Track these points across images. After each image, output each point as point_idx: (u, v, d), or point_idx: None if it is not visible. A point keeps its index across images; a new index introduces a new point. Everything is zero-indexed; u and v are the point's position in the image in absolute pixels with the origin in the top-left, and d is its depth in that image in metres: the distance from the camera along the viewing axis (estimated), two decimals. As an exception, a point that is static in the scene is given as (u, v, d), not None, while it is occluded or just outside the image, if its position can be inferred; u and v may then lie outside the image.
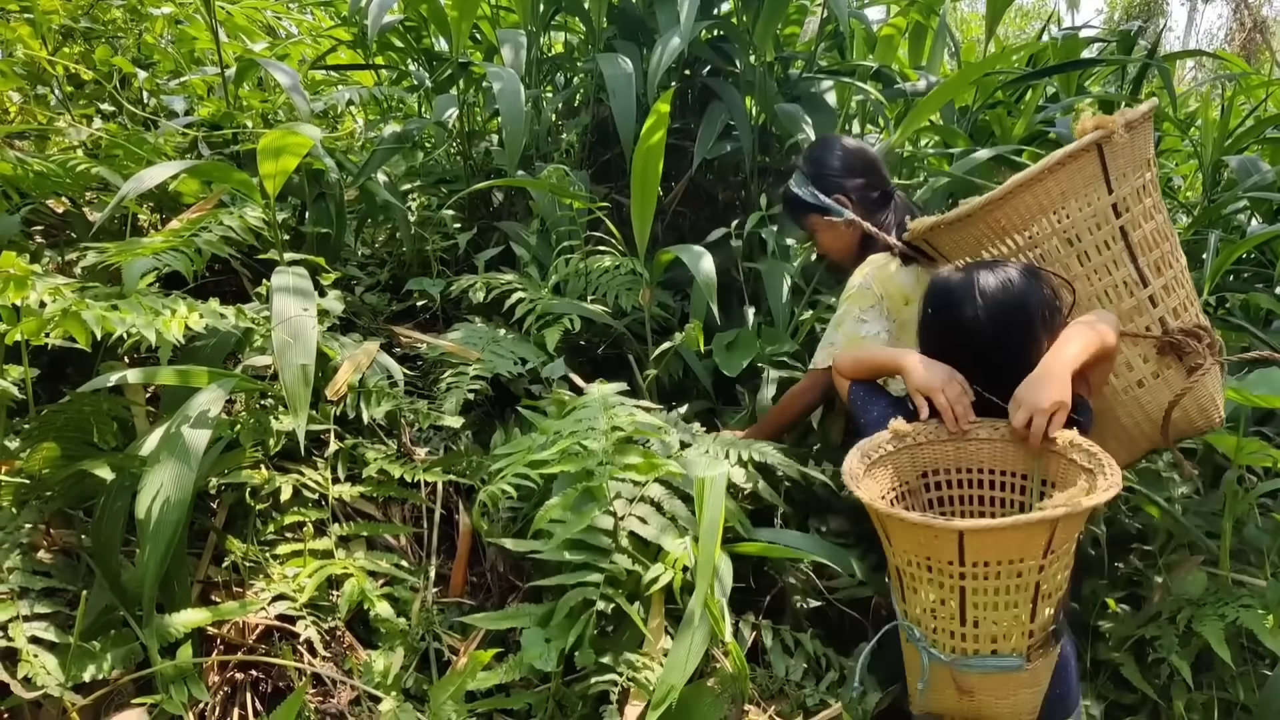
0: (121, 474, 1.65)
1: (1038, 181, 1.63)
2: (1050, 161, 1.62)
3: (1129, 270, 1.71)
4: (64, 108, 2.61)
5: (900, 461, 1.60)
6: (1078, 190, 1.65)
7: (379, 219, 3.06)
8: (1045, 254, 1.71)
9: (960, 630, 1.38)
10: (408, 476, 2.02)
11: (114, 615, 1.58)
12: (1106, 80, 4.79)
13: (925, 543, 1.34)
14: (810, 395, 2.12)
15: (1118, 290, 1.71)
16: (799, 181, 2.17)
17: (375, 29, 2.69)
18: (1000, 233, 1.72)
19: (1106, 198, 1.66)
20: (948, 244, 1.83)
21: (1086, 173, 1.64)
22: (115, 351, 1.97)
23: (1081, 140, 1.61)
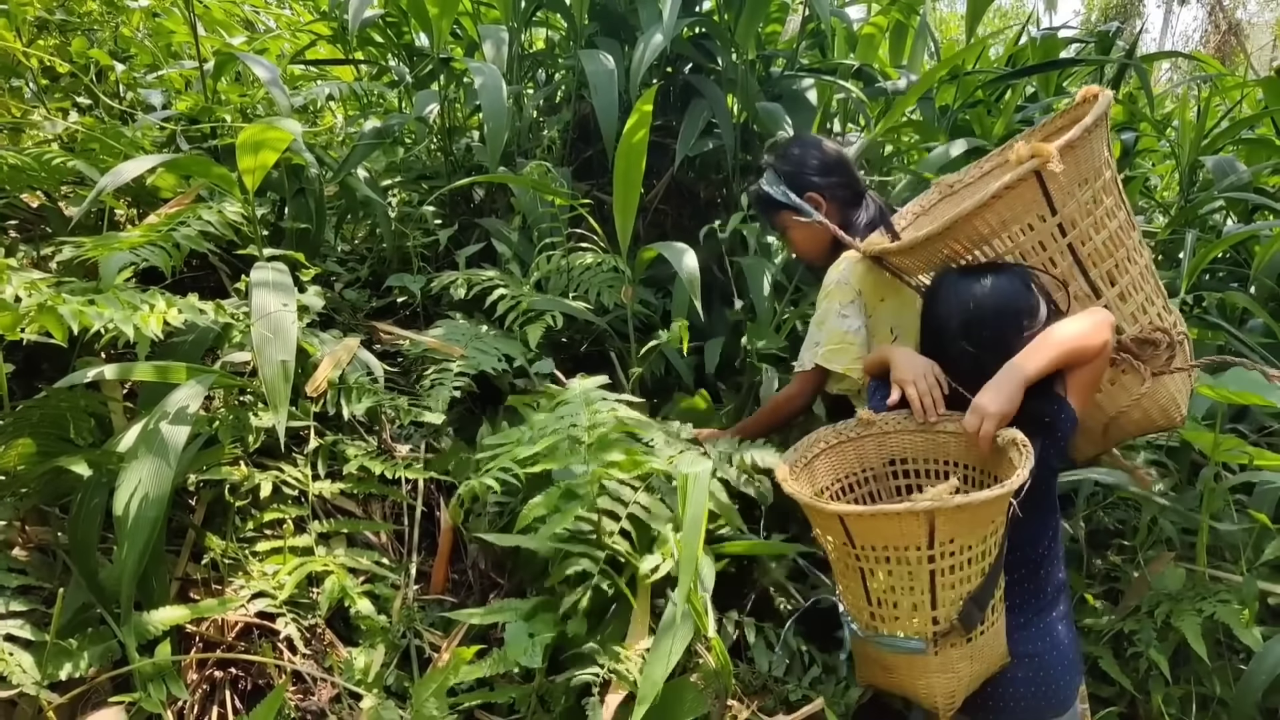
0: (99, 470, 1.64)
1: (977, 215, 1.62)
2: (986, 196, 1.59)
3: (1080, 283, 1.71)
4: (39, 101, 2.57)
5: (865, 448, 1.70)
6: (1019, 216, 1.64)
7: (359, 215, 3.04)
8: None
9: (869, 609, 1.50)
10: (388, 473, 2.01)
11: (91, 613, 1.57)
12: (1085, 79, 4.84)
13: (820, 523, 1.50)
14: (800, 400, 2.11)
15: (1070, 306, 1.71)
16: (770, 180, 2.14)
17: (355, 24, 2.68)
18: (949, 259, 1.73)
19: (1051, 219, 1.65)
20: (904, 264, 1.85)
21: (1027, 198, 1.62)
22: (92, 347, 1.95)
23: (1017, 171, 1.58)
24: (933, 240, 1.68)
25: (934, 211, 1.99)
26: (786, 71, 3.24)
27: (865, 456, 1.70)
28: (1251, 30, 13.71)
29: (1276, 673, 1.68)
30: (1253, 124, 3.58)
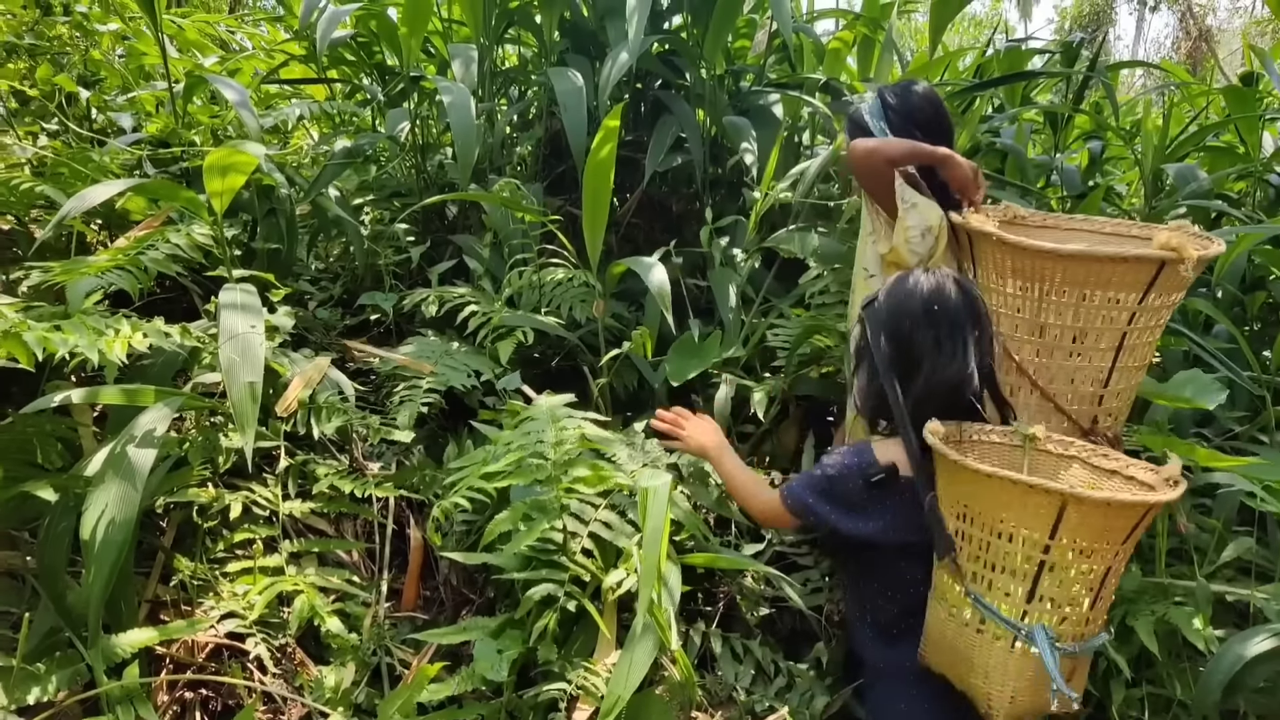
0: (66, 495, 1.65)
1: (1094, 262, 1.65)
2: (1121, 253, 1.64)
3: (1100, 366, 1.78)
4: (8, 125, 2.58)
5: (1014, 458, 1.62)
6: (1121, 285, 1.68)
7: (332, 233, 3.05)
8: (1055, 314, 1.75)
9: (1088, 614, 1.45)
10: (359, 492, 2.03)
11: (59, 637, 1.58)
12: (1055, 88, 4.90)
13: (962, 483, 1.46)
14: None
15: (1085, 373, 1.78)
16: (874, 110, 2.07)
17: (324, 43, 2.70)
18: (1036, 278, 1.73)
19: (1134, 304, 1.70)
20: (985, 254, 1.83)
21: (1139, 277, 1.67)
22: (62, 370, 1.95)
23: (1150, 252, 1.64)
24: (1049, 257, 1.68)
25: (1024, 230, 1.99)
26: (754, 86, 3.28)
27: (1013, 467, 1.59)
28: (1222, 36, 13.91)
29: (1233, 673, 1.71)
30: (1217, 131, 3.64)
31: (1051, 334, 1.77)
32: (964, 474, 1.43)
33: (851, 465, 1.63)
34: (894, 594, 1.66)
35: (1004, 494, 1.39)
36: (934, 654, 1.58)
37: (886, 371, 1.60)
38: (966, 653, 1.49)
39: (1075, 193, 3.40)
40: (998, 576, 1.44)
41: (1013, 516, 1.40)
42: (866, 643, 1.73)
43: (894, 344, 1.62)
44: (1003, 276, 1.80)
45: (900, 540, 1.61)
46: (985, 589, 1.46)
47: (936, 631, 1.55)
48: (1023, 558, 1.41)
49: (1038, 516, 1.38)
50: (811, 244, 2.59)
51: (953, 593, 1.51)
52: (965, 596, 1.48)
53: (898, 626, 1.67)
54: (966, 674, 1.50)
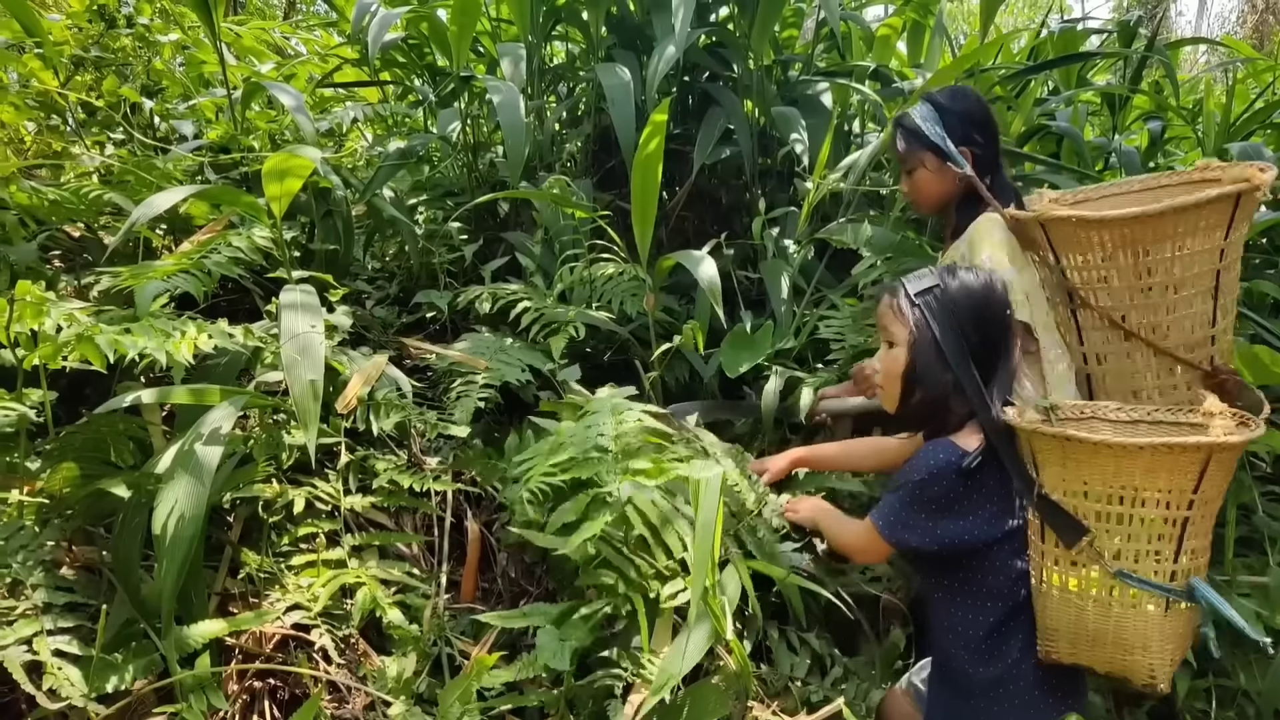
0: (138, 491, 1.71)
1: (1188, 211, 1.65)
2: (1201, 198, 1.63)
3: (1208, 307, 1.75)
4: (77, 135, 2.68)
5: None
6: (1208, 225, 1.68)
7: (387, 233, 3.11)
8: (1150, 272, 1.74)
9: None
10: (418, 486, 2.07)
11: (135, 628, 1.64)
12: (1114, 68, 4.79)
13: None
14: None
15: (1193, 319, 1.75)
16: (927, 115, 2.05)
17: (376, 47, 2.74)
18: (1129, 244, 1.73)
19: (1220, 238, 1.69)
20: (1065, 237, 1.80)
21: (1221, 213, 1.67)
22: (132, 372, 2.03)
23: (1233, 181, 1.65)
24: (1133, 221, 1.69)
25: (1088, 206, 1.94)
26: (803, 76, 3.26)
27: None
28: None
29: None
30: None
31: (1157, 293, 1.74)
32: (1101, 453, 1.40)
33: (939, 465, 1.55)
34: (990, 604, 1.59)
35: (1147, 460, 1.38)
36: (1068, 647, 1.52)
37: (964, 363, 1.57)
38: (1118, 633, 1.46)
39: (1134, 174, 3.33)
40: (1142, 546, 1.43)
41: (1159, 481, 1.39)
42: (956, 666, 1.63)
43: (980, 335, 1.60)
44: (1091, 253, 1.77)
45: (998, 532, 1.56)
46: (1132, 562, 1.44)
47: (1070, 624, 1.50)
48: (1167, 520, 1.41)
49: (1186, 474, 1.38)
50: (865, 234, 2.58)
51: (1089, 578, 1.47)
52: (1110, 577, 1.45)
53: (989, 641, 1.59)
54: (1120, 654, 1.48)
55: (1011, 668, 1.56)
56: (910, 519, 1.58)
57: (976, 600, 1.59)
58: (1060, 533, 1.48)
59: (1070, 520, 1.46)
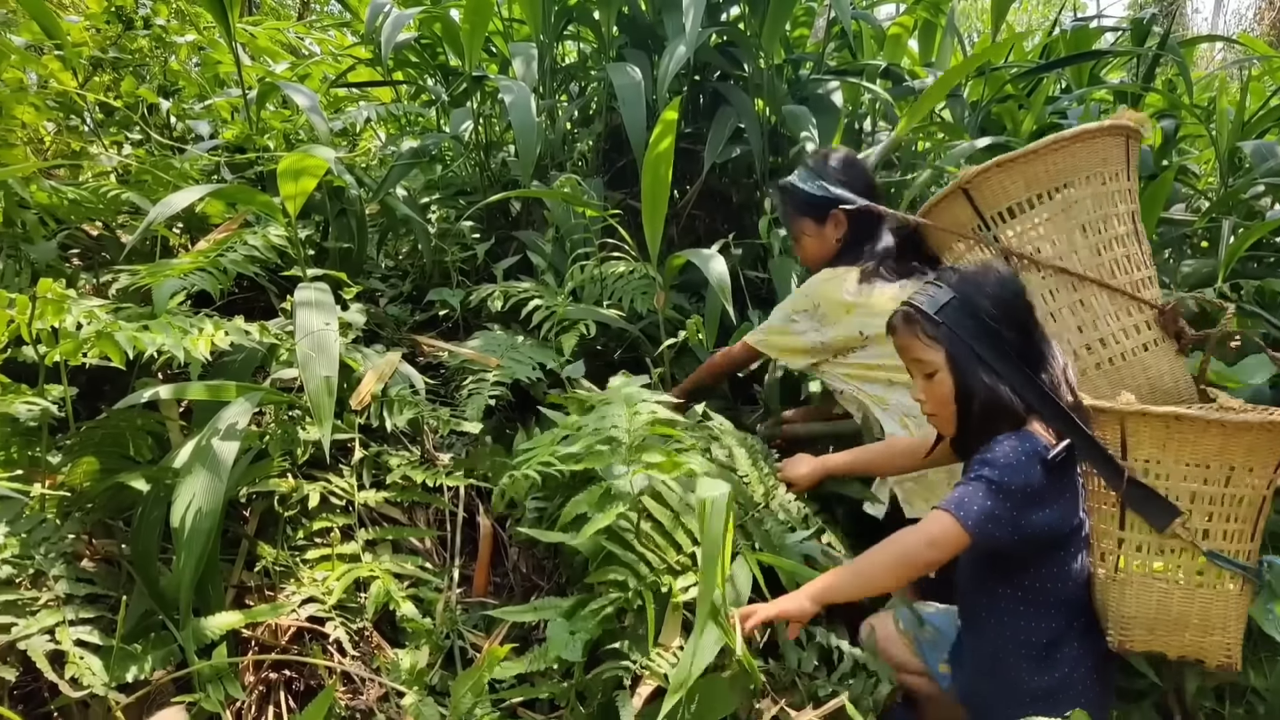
0: (156, 485, 1.74)
1: (1091, 138, 1.81)
2: (1099, 126, 1.82)
3: (1136, 250, 1.88)
4: (95, 135, 2.71)
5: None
6: (1110, 164, 1.83)
7: (400, 232, 3.14)
8: (1073, 213, 1.85)
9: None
10: (430, 481, 2.09)
11: (153, 619, 1.66)
12: (1128, 66, 4.77)
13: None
14: (737, 362, 2.43)
15: (1129, 262, 1.87)
16: (805, 177, 2.22)
17: (389, 47, 2.77)
18: (1047, 179, 1.85)
19: (1125, 181, 1.85)
20: (988, 194, 1.90)
21: (1119, 152, 1.84)
22: (150, 368, 2.06)
23: (1120, 120, 1.85)
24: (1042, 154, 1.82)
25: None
26: (813, 75, 3.27)
27: None
28: (1308, 5, 13.29)
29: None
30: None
31: (1091, 233, 1.86)
32: (1210, 430, 1.41)
33: (1025, 454, 1.50)
34: (1055, 610, 1.57)
35: (1251, 438, 1.41)
36: (1144, 634, 1.52)
37: (1009, 362, 1.54)
38: (1202, 615, 1.48)
39: (1147, 173, 3.32)
40: (1229, 525, 1.46)
41: (1256, 459, 1.42)
42: (1010, 675, 1.60)
43: (1014, 327, 1.57)
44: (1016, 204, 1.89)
45: (1069, 527, 1.55)
46: (1219, 542, 1.46)
47: (1152, 610, 1.50)
48: (1252, 500, 1.44)
49: (1274, 453, 1.42)
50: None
51: (1178, 562, 1.48)
52: (1198, 558, 1.45)
53: (1049, 649, 1.57)
54: (1200, 636, 1.49)
55: (1068, 674, 1.56)
56: (996, 510, 1.48)
57: (1042, 607, 1.56)
58: (1151, 516, 1.46)
59: (1163, 503, 1.45)
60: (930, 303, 1.59)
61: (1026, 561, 1.56)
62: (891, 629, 1.85)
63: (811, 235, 2.28)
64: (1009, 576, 1.57)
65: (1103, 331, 1.85)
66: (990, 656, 1.64)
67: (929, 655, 1.82)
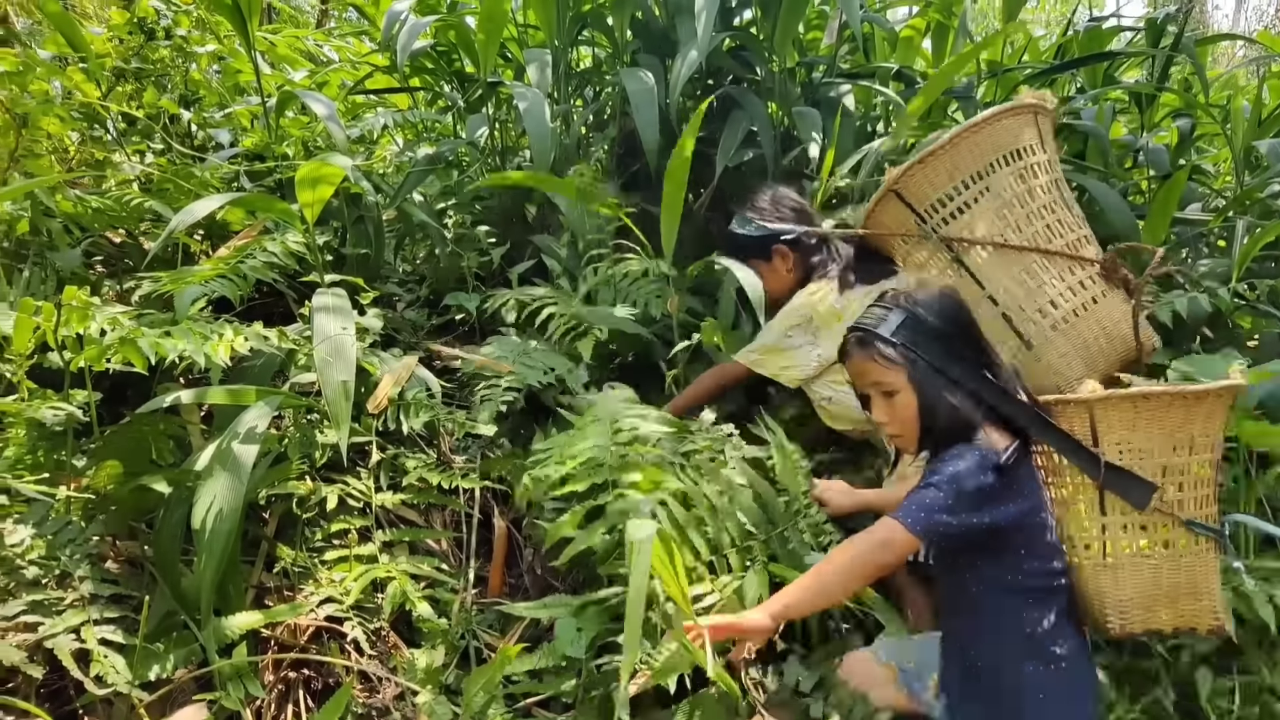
0: (178, 488, 1.78)
1: (996, 120, 1.95)
2: (1003, 108, 1.96)
3: (1066, 213, 2.02)
4: (118, 145, 2.76)
5: None
6: (1023, 139, 1.97)
7: (417, 237, 3.18)
8: (998, 192, 1.98)
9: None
10: (446, 484, 2.12)
11: (175, 619, 1.70)
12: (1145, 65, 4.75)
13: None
14: (729, 381, 2.41)
15: (1061, 226, 2.01)
16: (741, 222, 2.33)
17: (405, 55, 2.81)
18: (967, 163, 1.98)
19: (1041, 153, 2.00)
20: (915, 189, 2.03)
21: (1029, 129, 1.97)
22: (172, 373, 2.10)
23: (1024, 99, 1.99)
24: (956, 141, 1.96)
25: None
26: (825, 77, 3.28)
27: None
28: (1331, 1, 13.15)
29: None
30: (1315, 104, 3.49)
31: (1019, 205, 2.00)
32: (1175, 404, 1.48)
33: (971, 462, 1.51)
34: (1044, 598, 1.56)
35: (1209, 405, 1.48)
36: (1142, 614, 1.55)
37: (970, 373, 1.57)
38: (1190, 583, 1.52)
39: (1162, 173, 3.31)
40: (1197, 492, 1.52)
41: (1212, 425, 1.49)
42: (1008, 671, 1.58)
43: (965, 338, 1.61)
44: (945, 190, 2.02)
45: (1036, 519, 1.56)
46: (1192, 510, 1.51)
47: (1146, 587, 1.53)
48: (1211, 463, 1.51)
49: (1224, 417, 1.49)
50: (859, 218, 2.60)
51: (1161, 537, 1.52)
52: (1180, 528, 1.50)
53: (1049, 635, 1.56)
54: (1189, 605, 1.53)
55: (1062, 660, 1.55)
56: (943, 510, 1.48)
57: (1029, 597, 1.56)
58: (1130, 496, 1.51)
59: (1140, 481, 1.49)
60: (884, 325, 1.61)
61: (999, 557, 1.56)
62: (871, 668, 1.77)
63: (766, 273, 2.35)
64: (989, 576, 1.58)
65: (1050, 294, 1.97)
66: (978, 661, 1.61)
67: (914, 686, 1.79)
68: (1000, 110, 1.96)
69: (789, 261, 2.35)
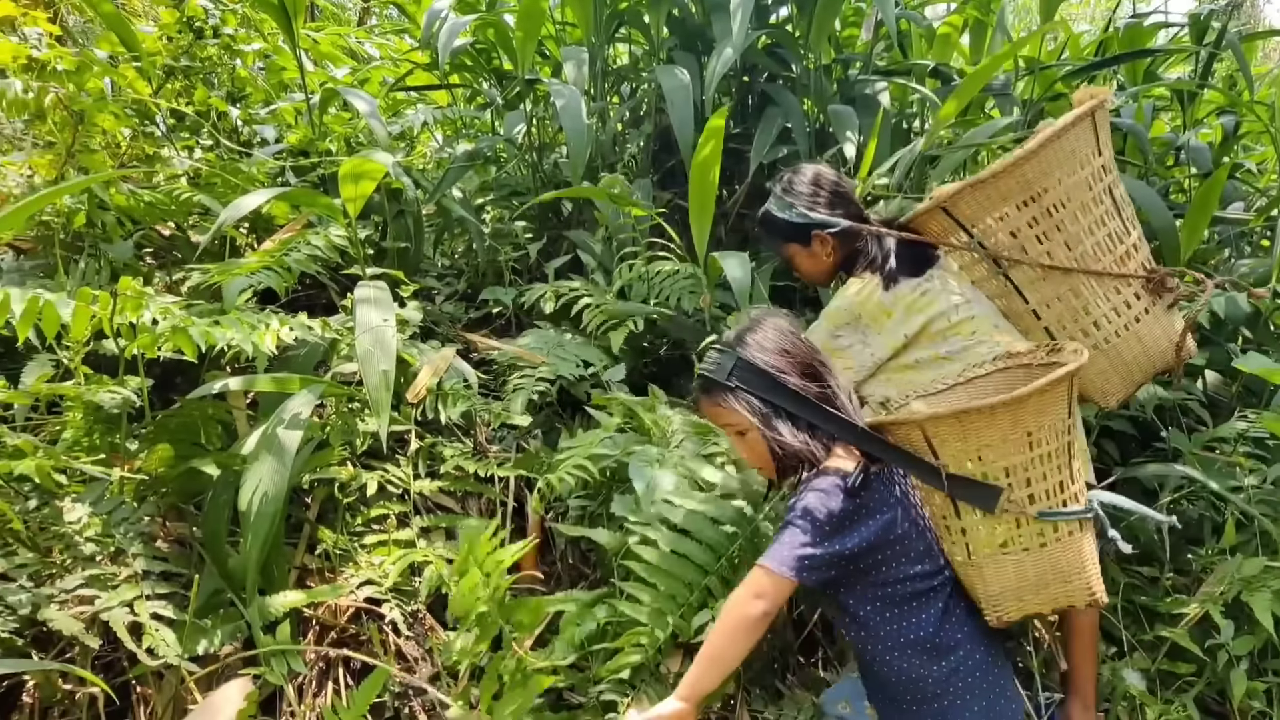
0: (226, 471, 1.85)
1: (1057, 139, 1.83)
2: (1064, 122, 1.82)
3: (1118, 223, 1.94)
4: (168, 140, 2.85)
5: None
6: (1081, 150, 1.87)
7: (455, 232, 3.24)
8: (1051, 207, 1.89)
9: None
10: (482, 472, 2.17)
11: (222, 597, 1.77)
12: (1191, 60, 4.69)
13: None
14: None
15: (1111, 240, 1.92)
16: (781, 205, 2.23)
17: (446, 53, 2.86)
18: (1021, 189, 1.88)
19: (1098, 159, 1.89)
20: (966, 209, 1.95)
21: (1087, 135, 1.87)
22: (219, 361, 2.17)
23: (1081, 108, 1.84)
24: (1019, 164, 1.85)
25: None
26: (861, 75, 3.29)
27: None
28: (1387, -5, 12.82)
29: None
30: (1361, 101, 3.44)
31: (1069, 223, 1.91)
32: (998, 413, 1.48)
33: (821, 493, 1.56)
34: (927, 599, 1.59)
35: (1035, 403, 1.48)
36: (1015, 604, 1.57)
37: (803, 404, 1.61)
38: (1057, 568, 1.54)
39: (1204, 171, 3.28)
40: (1049, 483, 1.52)
41: (1046, 418, 1.49)
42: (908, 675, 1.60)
43: (797, 370, 1.64)
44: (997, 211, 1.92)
45: (901, 528, 1.58)
46: (1046, 501, 1.52)
47: (1013, 580, 1.56)
48: (1057, 450, 1.51)
49: (1062, 402, 1.50)
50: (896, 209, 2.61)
51: (1019, 532, 1.54)
52: (1036, 521, 1.52)
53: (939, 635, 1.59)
54: (1061, 588, 1.54)
55: (965, 655, 1.57)
56: (808, 546, 1.52)
57: (912, 603, 1.59)
58: (978, 502, 1.52)
59: (983, 487, 1.51)
60: (719, 370, 1.65)
61: (873, 573, 1.58)
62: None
63: (803, 258, 2.29)
64: (865, 594, 1.60)
65: (1095, 315, 1.93)
66: (884, 672, 1.63)
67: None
68: (1060, 128, 1.83)
69: (828, 247, 2.26)
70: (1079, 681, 1.98)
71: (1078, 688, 1.98)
